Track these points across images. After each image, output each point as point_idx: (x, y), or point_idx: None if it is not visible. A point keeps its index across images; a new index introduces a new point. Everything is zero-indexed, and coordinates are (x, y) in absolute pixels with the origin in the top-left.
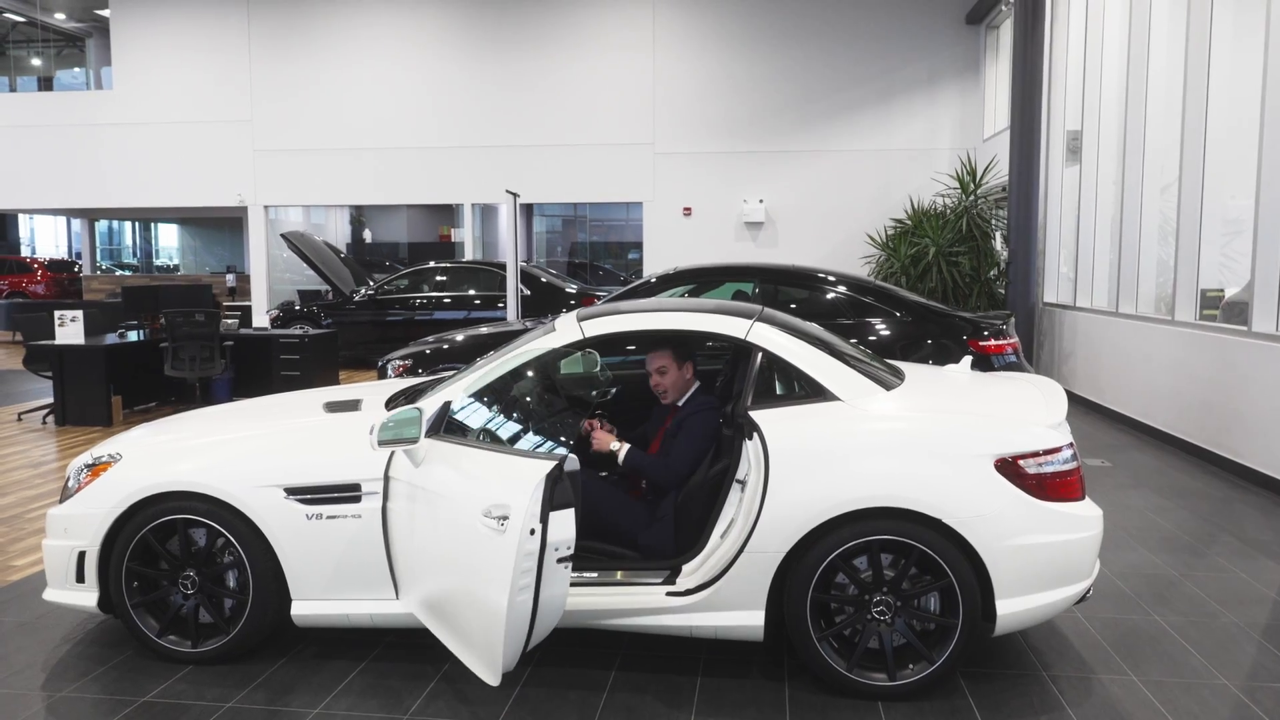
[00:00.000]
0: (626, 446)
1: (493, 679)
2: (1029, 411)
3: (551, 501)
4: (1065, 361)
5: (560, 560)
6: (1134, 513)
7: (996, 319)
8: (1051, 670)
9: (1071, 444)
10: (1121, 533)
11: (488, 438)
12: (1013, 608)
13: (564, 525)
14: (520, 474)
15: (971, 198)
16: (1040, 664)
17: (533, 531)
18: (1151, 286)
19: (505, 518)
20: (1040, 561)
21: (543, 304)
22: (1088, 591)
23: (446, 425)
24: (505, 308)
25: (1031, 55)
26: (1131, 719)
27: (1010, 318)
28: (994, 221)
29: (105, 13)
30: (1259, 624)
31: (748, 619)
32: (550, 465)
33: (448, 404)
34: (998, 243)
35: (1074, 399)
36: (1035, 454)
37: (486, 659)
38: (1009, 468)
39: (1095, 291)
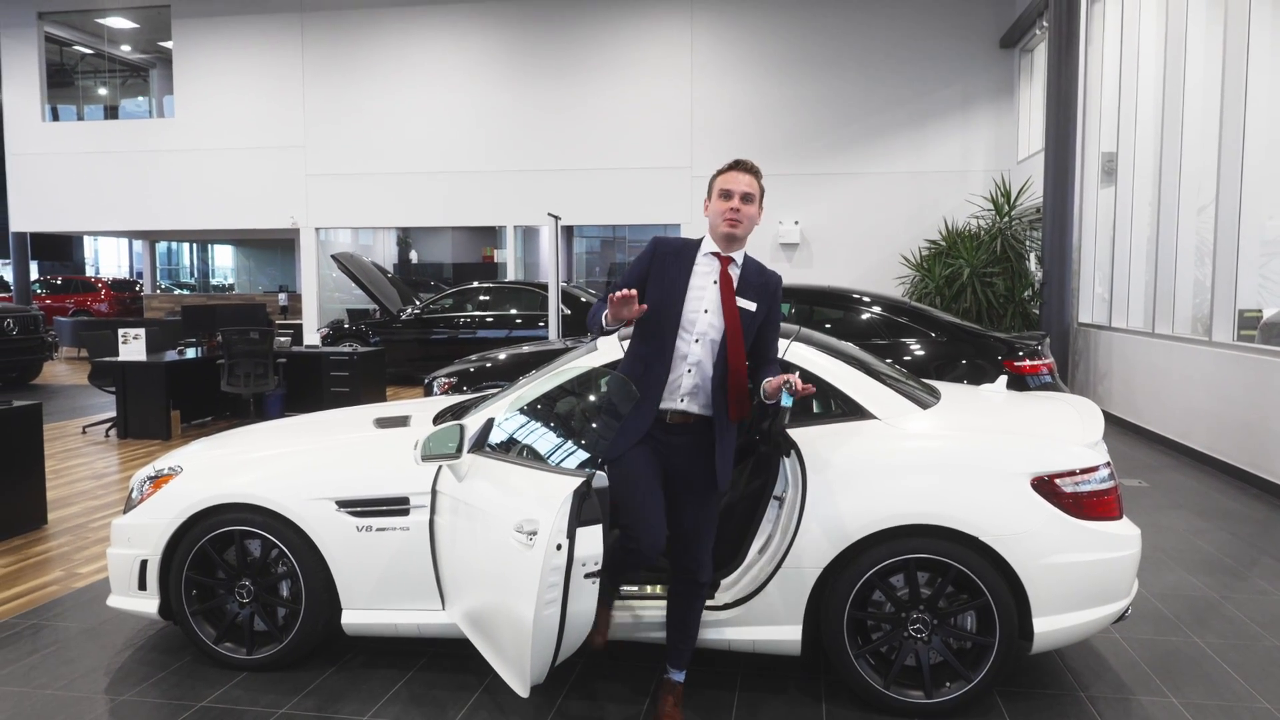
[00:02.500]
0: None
1: (522, 690)
2: (1065, 430)
3: (579, 518)
4: (1101, 382)
5: (587, 576)
6: (1173, 534)
7: (1031, 339)
8: (1089, 690)
9: (1109, 463)
10: (1160, 554)
11: (529, 454)
12: (1050, 626)
13: (591, 541)
14: (549, 490)
15: (1006, 219)
16: (1078, 684)
17: (559, 547)
18: (1188, 307)
19: (534, 533)
20: (1077, 580)
21: (583, 323)
22: (1126, 611)
23: (490, 442)
24: (546, 327)
25: (1066, 78)
26: None
27: (1045, 338)
28: (1028, 242)
29: (168, 44)
30: None
31: (785, 634)
32: (578, 481)
33: (490, 420)
34: (1032, 263)
35: (1110, 419)
36: (1072, 473)
37: (517, 670)
38: (1046, 486)
39: (1131, 312)
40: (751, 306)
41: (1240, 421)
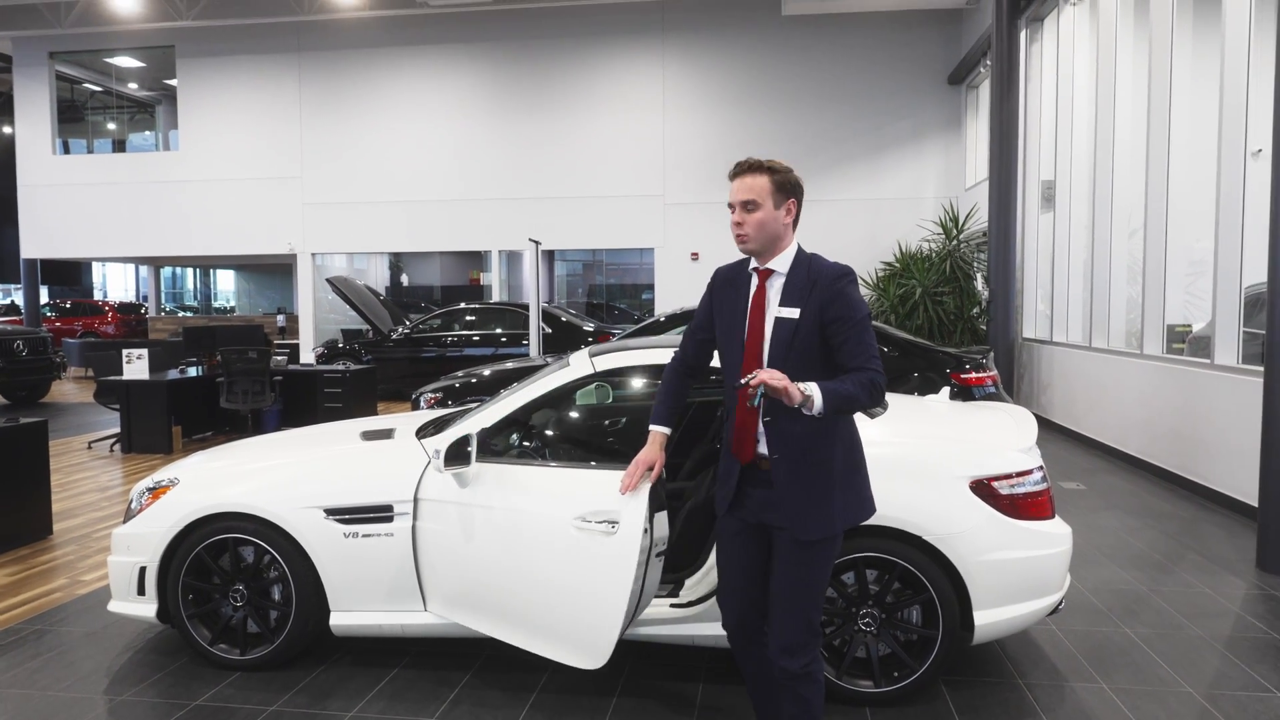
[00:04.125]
0: (813, 385)
1: (595, 663)
2: (1002, 437)
3: (654, 506)
4: (1043, 392)
5: (658, 555)
6: (1107, 532)
7: (977, 353)
8: (1027, 678)
9: (1041, 467)
10: (1095, 551)
11: (535, 457)
12: (989, 618)
13: (662, 525)
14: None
15: (955, 242)
16: (1016, 672)
17: (645, 532)
18: (1122, 323)
19: (614, 522)
20: (1014, 575)
21: (563, 341)
22: (1060, 604)
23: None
24: (529, 345)
25: (1008, 112)
26: None
27: (990, 352)
28: (975, 264)
29: (173, 82)
30: (1222, 636)
31: None
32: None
33: (486, 429)
34: (979, 283)
35: (1052, 427)
36: (1008, 476)
37: (585, 646)
38: (983, 489)
39: (1070, 327)
40: (793, 313)
41: (1169, 428)
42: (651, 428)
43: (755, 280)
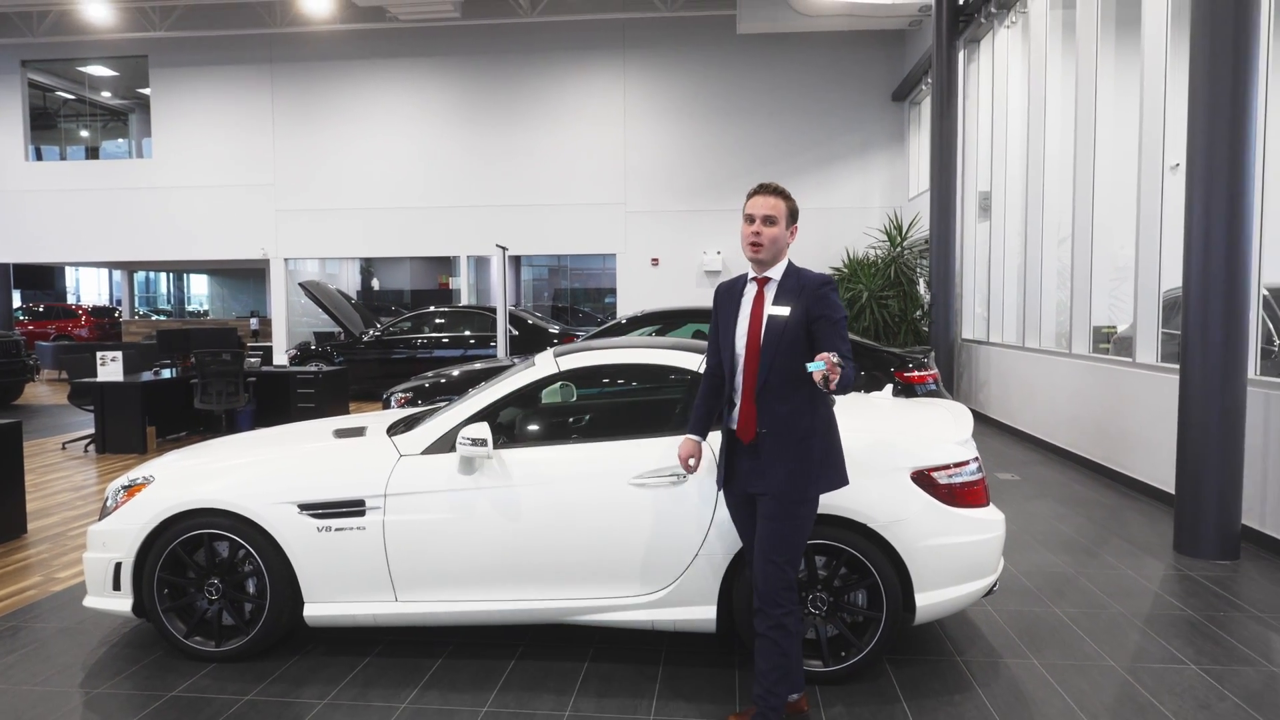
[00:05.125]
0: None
1: (659, 585)
2: (940, 430)
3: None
4: (981, 389)
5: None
6: (1038, 520)
7: (920, 353)
8: (964, 655)
9: (977, 458)
10: (1027, 537)
11: (510, 446)
12: (929, 600)
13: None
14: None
15: (899, 249)
16: (955, 650)
17: (713, 470)
18: (1052, 324)
19: (679, 474)
20: (952, 559)
21: (530, 343)
22: (994, 585)
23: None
24: (496, 346)
25: (947, 127)
26: (1032, 697)
27: (931, 352)
28: (918, 269)
29: (146, 91)
30: (1142, 613)
31: (702, 614)
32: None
33: (485, 421)
34: (921, 287)
35: (988, 422)
36: (946, 467)
37: (650, 577)
38: (923, 479)
39: (1005, 328)
40: (783, 311)
41: (1096, 422)
42: (686, 436)
43: (755, 287)
